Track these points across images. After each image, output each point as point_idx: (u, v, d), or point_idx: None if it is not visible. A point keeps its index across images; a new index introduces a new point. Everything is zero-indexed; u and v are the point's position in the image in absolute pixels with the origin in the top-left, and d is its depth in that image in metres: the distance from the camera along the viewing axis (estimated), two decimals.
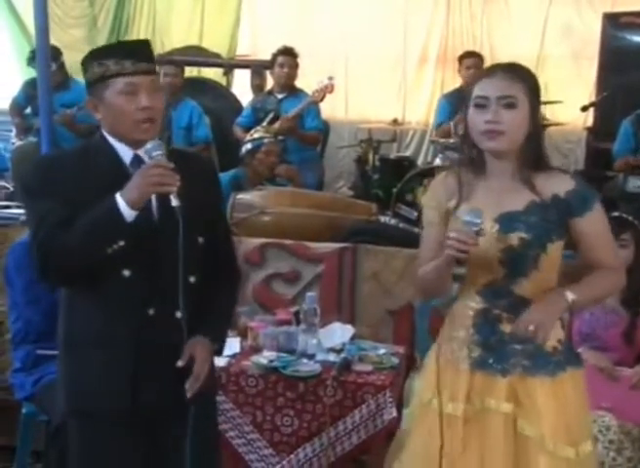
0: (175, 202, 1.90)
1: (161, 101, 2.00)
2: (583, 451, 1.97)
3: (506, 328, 1.97)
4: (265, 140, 4.59)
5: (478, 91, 1.95)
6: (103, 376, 1.99)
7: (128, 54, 1.95)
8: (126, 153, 2.00)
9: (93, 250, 1.90)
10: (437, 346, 2.07)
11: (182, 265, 1.93)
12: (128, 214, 1.88)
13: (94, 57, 1.98)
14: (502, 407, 1.95)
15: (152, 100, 1.96)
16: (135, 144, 1.99)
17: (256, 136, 4.67)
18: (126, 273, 1.95)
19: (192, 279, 2.01)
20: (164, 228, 1.96)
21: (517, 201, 1.96)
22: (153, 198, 1.96)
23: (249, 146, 4.59)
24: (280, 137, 4.83)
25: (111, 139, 2.01)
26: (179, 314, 1.97)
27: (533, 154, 1.97)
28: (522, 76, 1.97)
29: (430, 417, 2.00)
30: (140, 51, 1.98)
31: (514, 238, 1.93)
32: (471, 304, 2.01)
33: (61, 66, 5.57)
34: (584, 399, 2.03)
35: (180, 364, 1.96)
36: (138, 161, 1.99)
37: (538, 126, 1.98)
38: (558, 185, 1.96)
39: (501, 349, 1.97)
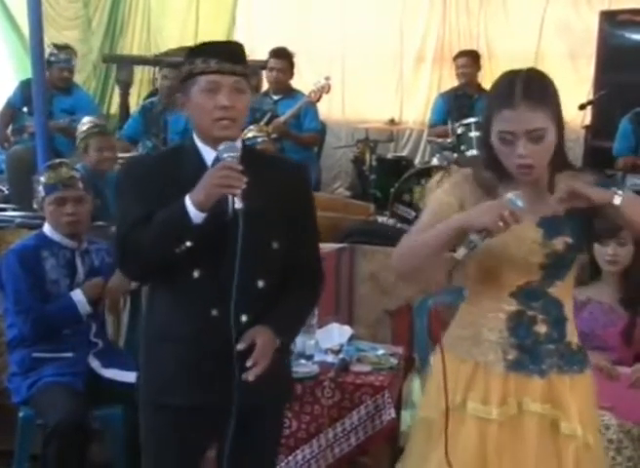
0: (238, 204, 1.89)
1: (244, 103, 2.00)
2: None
3: (541, 329, 1.96)
4: (259, 140, 4.57)
5: (502, 125, 1.86)
6: (167, 372, 2.01)
7: (215, 53, 1.98)
8: (209, 155, 2.02)
9: (161, 248, 1.92)
10: (448, 347, 1.98)
11: (247, 269, 1.93)
12: (195, 215, 1.88)
13: (188, 55, 2.03)
14: (540, 407, 1.94)
15: (233, 100, 1.96)
16: (215, 144, 1.99)
17: (249, 135, 4.64)
18: (195, 274, 1.97)
19: (261, 283, 2.00)
20: (236, 231, 1.94)
21: (554, 205, 1.90)
22: (229, 200, 1.95)
23: None
24: (274, 135, 4.81)
25: (198, 141, 2.04)
26: (244, 318, 1.97)
27: (560, 159, 1.93)
28: (543, 98, 1.85)
29: (467, 423, 1.95)
30: (227, 51, 2.00)
31: (560, 242, 1.91)
32: (504, 307, 1.97)
33: (73, 68, 5.55)
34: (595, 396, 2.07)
35: (239, 347, 1.93)
36: (218, 162, 1.99)
37: (563, 134, 1.91)
38: (577, 181, 1.90)
39: (537, 350, 1.96)
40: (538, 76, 1.93)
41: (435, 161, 5.41)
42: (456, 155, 5.26)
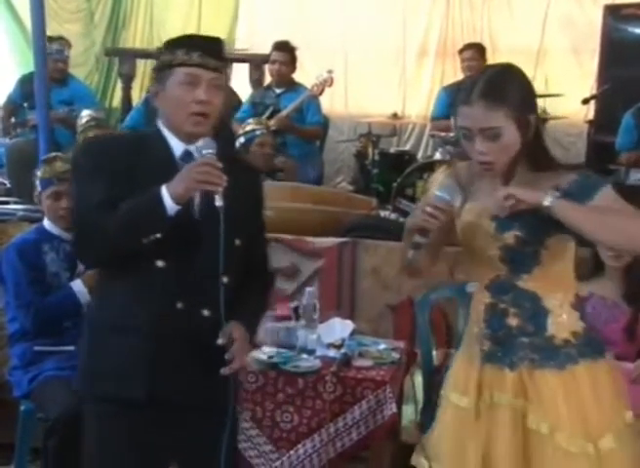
0: (219, 202, 1.90)
1: (220, 100, 2.01)
2: (604, 447, 1.91)
3: (513, 321, 1.97)
4: (258, 132, 4.55)
5: (460, 120, 1.89)
6: (122, 363, 1.97)
7: (198, 46, 1.97)
8: (177, 147, 2.02)
9: (129, 237, 1.91)
10: (463, 344, 2.11)
11: (214, 264, 1.93)
12: (170, 207, 1.88)
13: (167, 45, 2.02)
14: (511, 401, 1.95)
15: (210, 96, 1.96)
16: (186, 138, 2.00)
17: (248, 128, 4.63)
18: (159, 264, 1.95)
19: (225, 279, 2.00)
20: (203, 226, 1.97)
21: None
22: (197, 195, 1.96)
23: (242, 140, 4.56)
24: (273, 127, 4.80)
25: (165, 132, 2.02)
26: (206, 312, 1.97)
27: (531, 156, 1.93)
28: (502, 97, 1.83)
29: (448, 412, 2.06)
30: (210, 46, 2.00)
31: (510, 236, 1.93)
32: (482, 299, 2.02)
33: (67, 59, 5.55)
34: (607, 391, 1.97)
35: (220, 341, 1.94)
36: (187, 156, 2.00)
37: (531, 132, 1.89)
38: (562, 179, 1.91)
39: (509, 343, 1.98)
40: (507, 74, 1.91)
41: (438, 155, 5.40)
42: (459, 149, 5.24)
